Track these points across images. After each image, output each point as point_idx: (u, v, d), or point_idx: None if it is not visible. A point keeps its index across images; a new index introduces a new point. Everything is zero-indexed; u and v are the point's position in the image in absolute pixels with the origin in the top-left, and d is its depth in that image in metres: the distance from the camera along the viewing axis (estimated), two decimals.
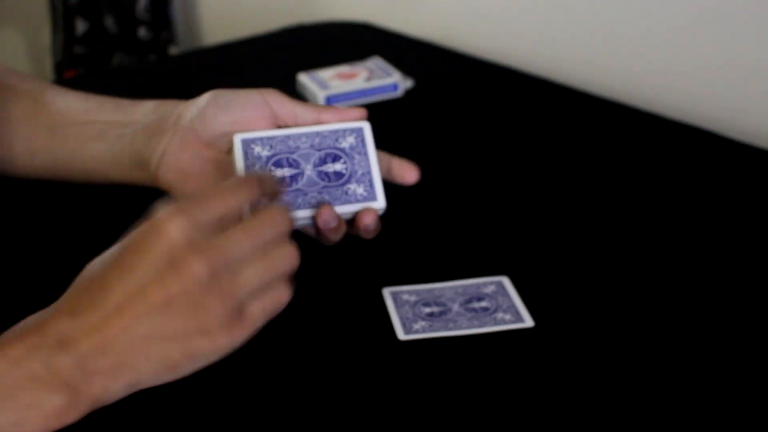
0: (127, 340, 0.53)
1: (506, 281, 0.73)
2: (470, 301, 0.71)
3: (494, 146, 0.97)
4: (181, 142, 0.69)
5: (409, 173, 0.69)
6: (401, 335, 0.67)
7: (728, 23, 1.04)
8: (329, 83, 1.06)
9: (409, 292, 0.72)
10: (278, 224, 0.56)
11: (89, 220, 0.81)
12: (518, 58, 1.22)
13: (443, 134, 1.00)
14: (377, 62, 1.11)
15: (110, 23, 1.85)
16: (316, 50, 1.23)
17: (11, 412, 0.52)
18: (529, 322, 0.68)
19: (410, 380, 0.64)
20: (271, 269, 0.55)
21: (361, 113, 0.68)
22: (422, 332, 0.68)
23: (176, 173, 0.69)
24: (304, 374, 0.64)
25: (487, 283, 0.73)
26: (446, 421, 0.60)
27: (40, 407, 0.52)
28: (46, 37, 1.96)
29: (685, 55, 1.09)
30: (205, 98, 0.70)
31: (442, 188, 0.87)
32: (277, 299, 0.56)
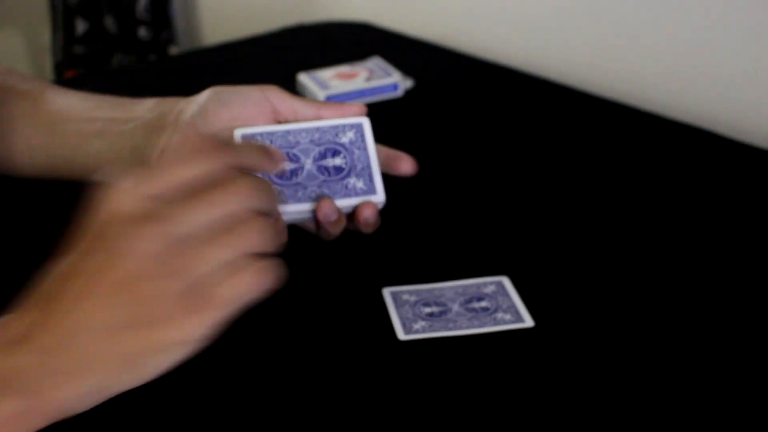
0: (87, 332, 0.47)
1: (506, 281, 0.73)
2: (470, 301, 0.71)
3: (494, 146, 0.97)
4: (181, 138, 0.69)
5: (405, 165, 0.69)
6: (401, 335, 0.67)
7: (728, 23, 1.04)
8: (329, 83, 1.06)
9: (409, 292, 0.72)
10: (247, 195, 0.49)
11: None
12: (518, 58, 1.22)
13: (443, 134, 1.00)
14: (377, 62, 1.11)
15: (110, 23, 1.85)
16: (316, 50, 1.23)
17: None
18: (529, 322, 0.68)
19: (410, 380, 0.63)
20: (236, 246, 0.48)
21: (360, 109, 0.68)
22: (422, 332, 0.68)
23: None
24: (304, 374, 0.64)
25: (487, 283, 0.73)
26: (446, 421, 0.60)
27: None
28: (46, 37, 1.96)
29: (685, 55, 1.09)
30: (205, 95, 0.70)
31: (442, 188, 0.87)
32: (250, 281, 0.48)
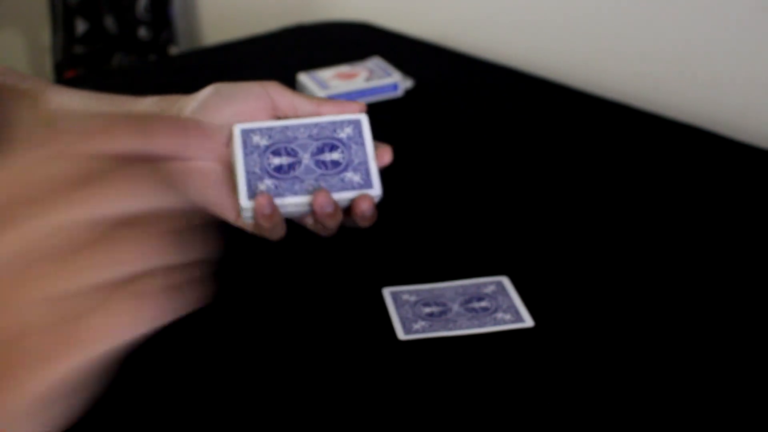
0: None
1: (506, 281, 0.73)
2: (470, 301, 0.71)
3: (494, 146, 0.97)
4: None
5: (386, 156, 0.69)
6: (401, 335, 0.67)
7: (728, 24, 1.04)
8: (329, 83, 1.06)
9: (409, 292, 0.72)
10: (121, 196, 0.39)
11: None
12: (518, 58, 1.22)
13: (443, 134, 1.00)
14: (377, 62, 1.11)
15: (110, 23, 1.85)
16: (316, 50, 1.23)
17: None
18: (529, 322, 0.68)
19: (410, 380, 0.63)
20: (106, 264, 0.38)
21: (359, 106, 0.69)
22: (422, 332, 0.68)
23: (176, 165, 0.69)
24: (304, 374, 0.64)
25: (487, 283, 0.73)
26: (446, 421, 0.60)
27: None
28: (46, 37, 1.96)
29: (685, 55, 1.09)
30: (206, 91, 0.70)
31: (442, 188, 0.87)
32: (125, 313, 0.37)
